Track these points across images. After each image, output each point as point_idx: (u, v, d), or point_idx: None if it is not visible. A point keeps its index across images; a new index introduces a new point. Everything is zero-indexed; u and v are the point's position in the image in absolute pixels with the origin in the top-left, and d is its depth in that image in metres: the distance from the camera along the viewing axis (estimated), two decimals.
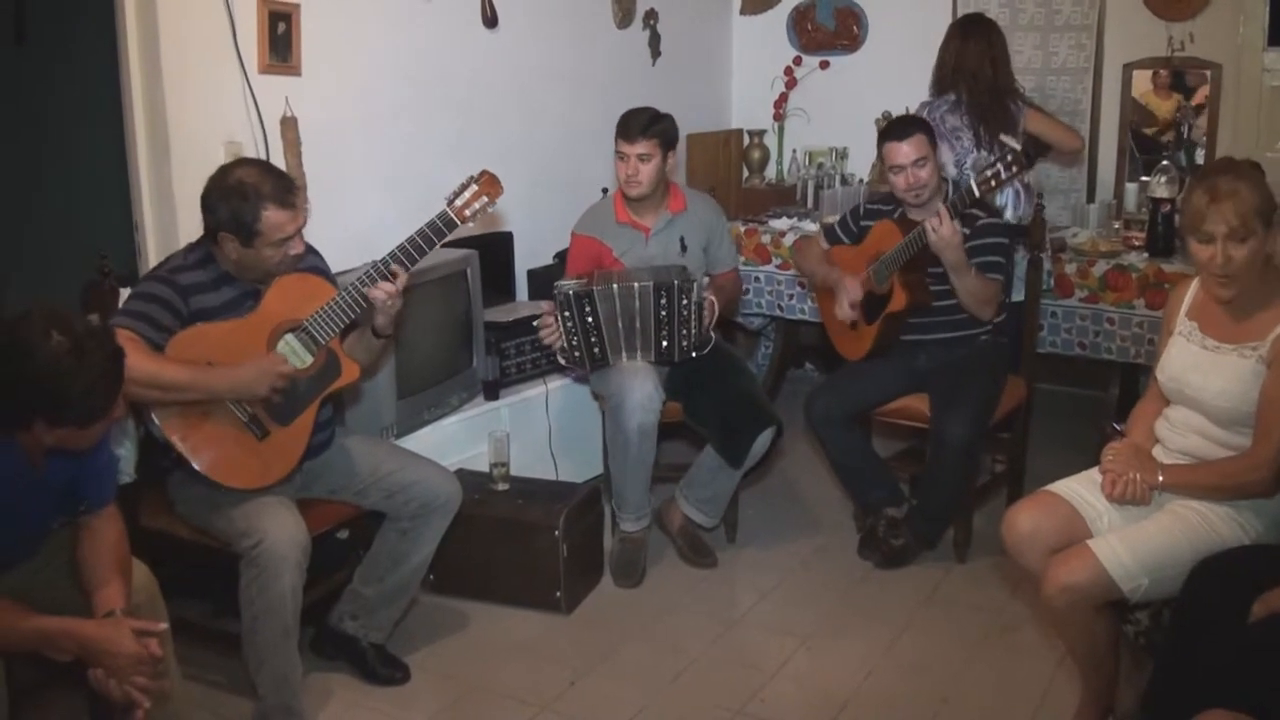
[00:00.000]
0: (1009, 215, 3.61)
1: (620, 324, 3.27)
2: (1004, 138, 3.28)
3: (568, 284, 3.28)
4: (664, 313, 3.24)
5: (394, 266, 2.59)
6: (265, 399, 2.49)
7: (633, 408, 3.22)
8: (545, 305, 3.36)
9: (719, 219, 3.62)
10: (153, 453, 2.61)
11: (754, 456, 3.32)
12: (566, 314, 3.24)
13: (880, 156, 3.39)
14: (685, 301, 3.23)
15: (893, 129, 3.34)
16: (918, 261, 3.26)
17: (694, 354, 3.29)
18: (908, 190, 3.30)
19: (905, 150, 3.26)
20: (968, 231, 3.16)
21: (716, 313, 3.32)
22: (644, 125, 3.36)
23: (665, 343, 3.28)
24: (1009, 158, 3.00)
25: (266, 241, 2.47)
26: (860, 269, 3.43)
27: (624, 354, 3.31)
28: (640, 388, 3.22)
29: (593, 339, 3.27)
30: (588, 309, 3.23)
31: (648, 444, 3.28)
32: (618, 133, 3.37)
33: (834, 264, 3.53)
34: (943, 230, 3.08)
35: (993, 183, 3.04)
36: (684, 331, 3.26)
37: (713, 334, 3.34)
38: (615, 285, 3.25)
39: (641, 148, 3.35)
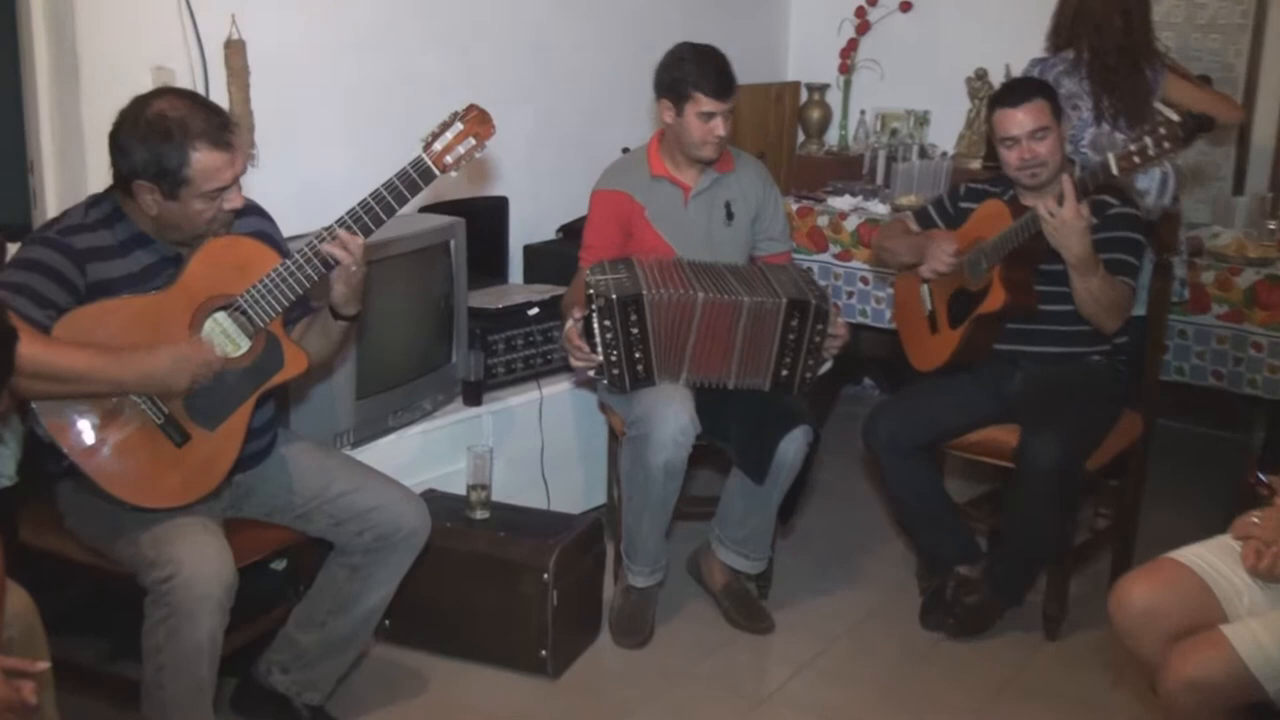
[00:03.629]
0: (1149, 202, 3.52)
1: (694, 338, 3.23)
2: (1159, 105, 3.20)
3: (601, 281, 3.21)
4: (792, 335, 3.22)
5: (340, 233, 2.52)
6: (186, 394, 2.45)
7: (662, 441, 3.18)
8: (573, 318, 3.29)
9: (770, 187, 3.64)
10: (40, 452, 2.57)
11: (783, 468, 3.29)
12: (607, 321, 3.18)
13: (989, 125, 3.37)
14: (821, 326, 3.22)
15: (1006, 93, 3.33)
16: (1026, 254, 3.22)
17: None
18: (1022, 168, 3.27)
19: (1020, 119, 3.22)
20: (1095, 221, 3.10)
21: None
22: (732, 76, 3.38)
23: (786, 371, 3.26)
24: (1162, 130, 2.89)
25: (196, 192, 2.43)
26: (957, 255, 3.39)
27: (684, 373, 3.27)
28: (674, 418, 3.18)
29: (636, 353, 3.22)
30: (633, 316, 3.18)
31: (673, 485, 3.26)
32: (702, 88, 3.32)
33: None
34: (1064, 213, 3.01)
35: (1136, 159, 2.94)
36: (811, 361, 3.26)
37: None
38: (708, 295, 3.18)
39: (732, 102, 3.38)
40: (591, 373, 3.31)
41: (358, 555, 2.76)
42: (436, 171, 2.59)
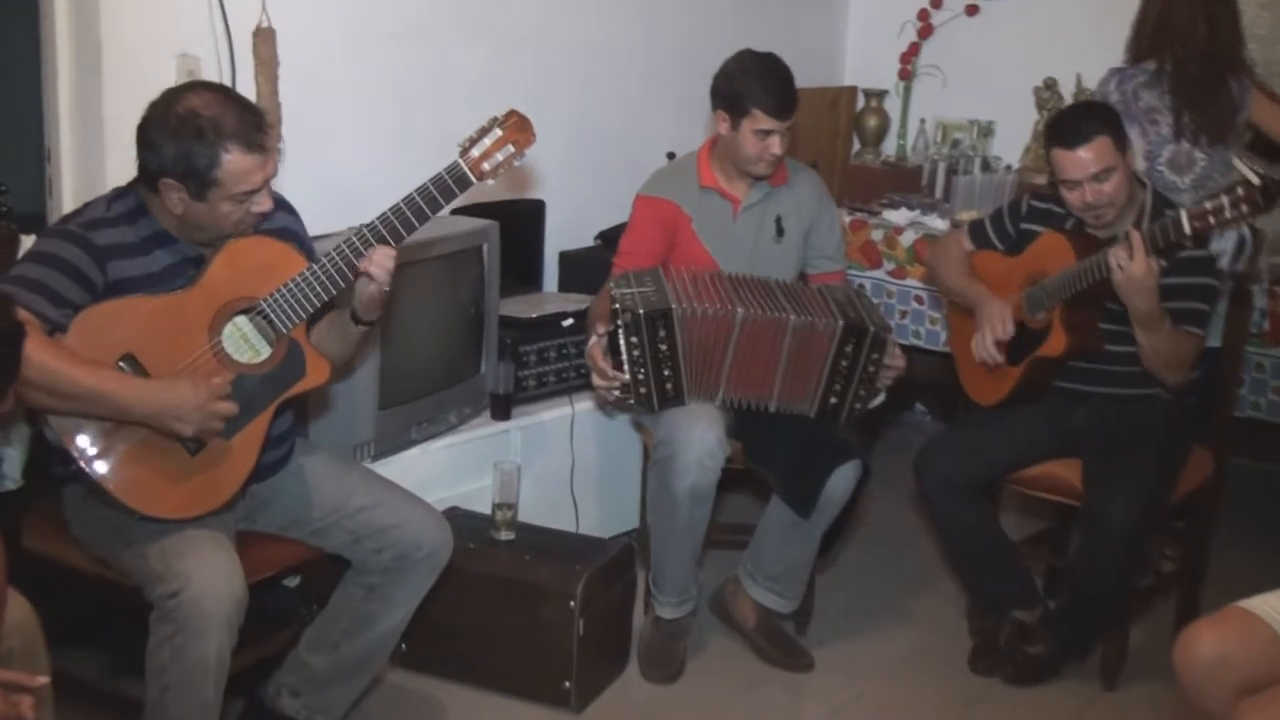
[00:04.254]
0: (1223, 264, 3.47)
1: (731, 357, 3.21)
2: (1238, 163, 3.12)
3: (626, 294, 3.20)
4: (845, 362, 3.21)
5: (376, 251, 2.52)
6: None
7: (687, 464, 3.17)
8: (596, 334, 3.28)
9: (826, 201, 3.63)
10: (47, 455, 2.59)
11: (830, 503, 3.27)
12: (634, 338, 3.17)
13: (1046, 158, 3.30)
14: (877, 355, 3.21)
15: (1061, 130, 3.21)
16: (1090, 296, 3.16)
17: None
18: (1085, 210, 3.22)
19: (1081, 160, 3.14)
20: (1165, 264, 3.02)
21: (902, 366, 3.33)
22: (794, 94, 3.36)
23: (834, 399, 3.26)
24: (1240, 191, 2.82)
25: (224, 194, 2.44)
26: (1013, 289, 3.35)
27: (721, 392, 3.25)
28: (700, 439, 3.17)
29: (665, 371, 3.21)
30: (661, 332, 3.17)
31: (700, 511, 3.25)
32: (762, 105, 3.30)
33: (978, 277, 3.45)
34: (1133, 268, 2.96)
35: (1211, 220, 2.87)
36: (863, 391, 3.25)
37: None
38: (750, 311, 3.17)
39: (792, 121, 3.36)
40: (616, 393, 3.27)
41: (375, 574, 2.76)
42: (473, 179, 2.59)
